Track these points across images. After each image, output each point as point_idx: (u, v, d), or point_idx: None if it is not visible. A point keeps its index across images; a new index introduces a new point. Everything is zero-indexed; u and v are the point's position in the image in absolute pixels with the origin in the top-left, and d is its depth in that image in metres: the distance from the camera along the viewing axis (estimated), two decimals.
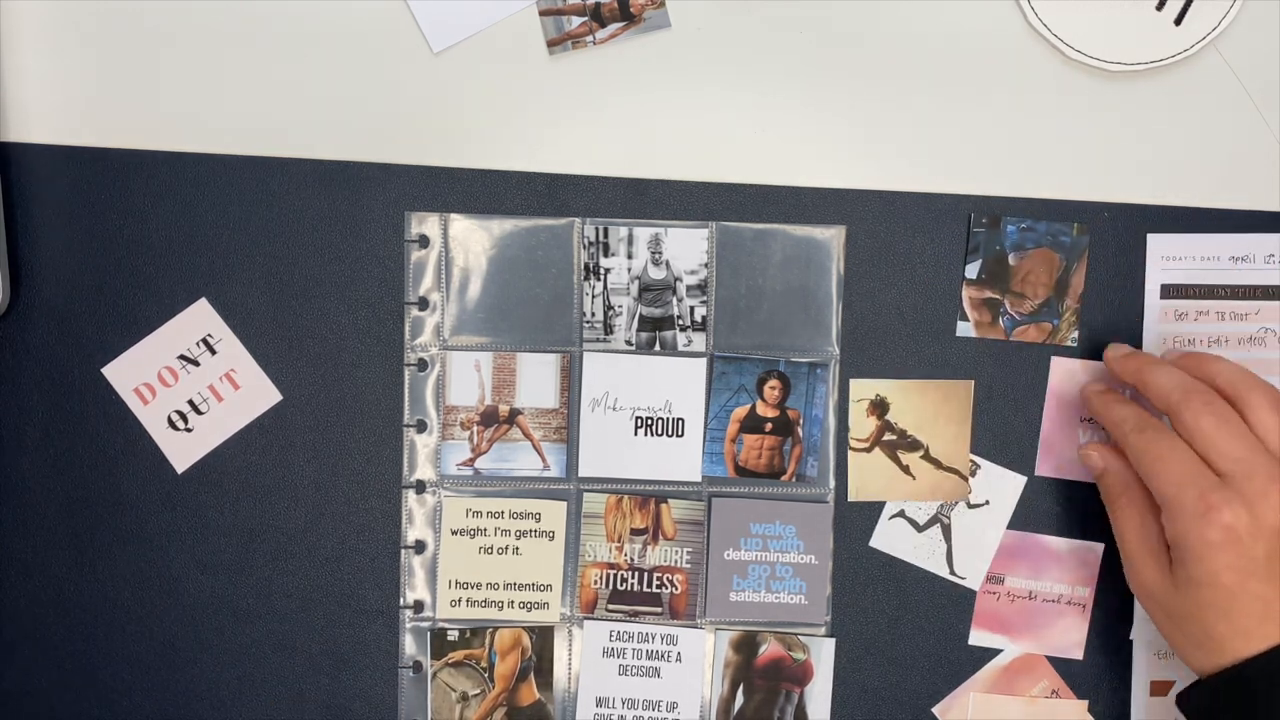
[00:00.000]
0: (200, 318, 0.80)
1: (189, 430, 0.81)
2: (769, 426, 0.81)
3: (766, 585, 0.81)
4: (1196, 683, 0.72)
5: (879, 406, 0.81)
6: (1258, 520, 0.68)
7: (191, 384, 0.80)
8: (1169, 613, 0.72)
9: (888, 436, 0.81)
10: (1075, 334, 0.81)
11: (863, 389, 0.81)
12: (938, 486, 0.81)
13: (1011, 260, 0.80)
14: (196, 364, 0.80)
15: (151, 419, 0.80)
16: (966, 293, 0.80)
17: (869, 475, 0.81)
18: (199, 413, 0.80)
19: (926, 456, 0.81)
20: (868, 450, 0.81)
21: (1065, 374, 0.81)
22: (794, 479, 0.81)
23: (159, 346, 0.80)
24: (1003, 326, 0.81)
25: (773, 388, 0.81)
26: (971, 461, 0.81)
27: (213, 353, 0.80)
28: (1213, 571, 0.69)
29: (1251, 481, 0.69)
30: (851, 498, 0.81)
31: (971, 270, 0.80)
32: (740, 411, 0.81)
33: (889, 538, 0.82)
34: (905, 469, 0.81)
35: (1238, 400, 0.72)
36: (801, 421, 0.81)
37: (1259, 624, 0.69)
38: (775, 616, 0.82)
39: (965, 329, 0.80)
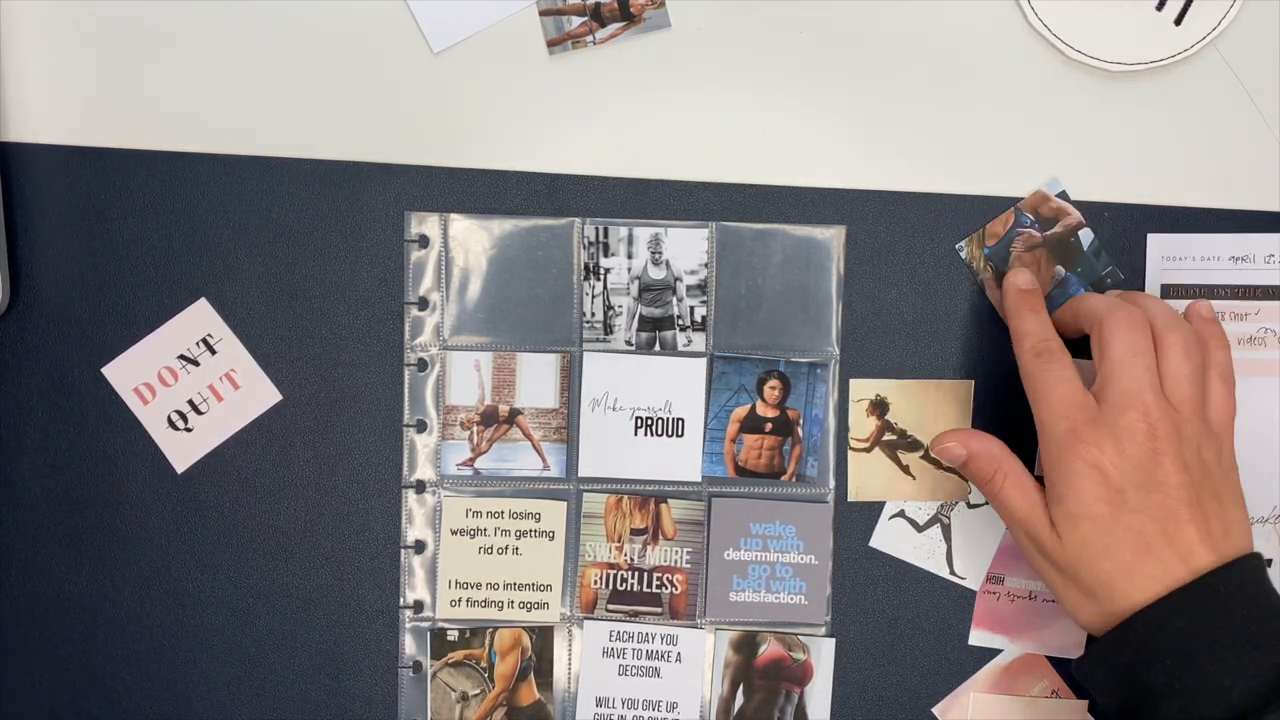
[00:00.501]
0: (200, 318, 0.80)
1: (189, 430, 0.81)
2: (769, 426, 0.81)
3: (766, 585, 0.81)
4: (1089, 645, 0.72)
5: (879, 406, 0.81)
6: (1123, 455, 0.69)
7: (191, 384, 0.80)
8: (1060, 567, 0.71)
9: (888, 436, 0.81)
10: None
11: (863, 389, 0.81)
12: (938, 487, 0.81)
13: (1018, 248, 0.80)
14: (196, 364, 0.80)
15: (151, 419, 0.80)
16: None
17: (869, 475, 0.81)
18: (199, 413, 0.80)
19: (926, 457, 0.81)
20: (868, 450, 0.81)
21: None
22: (794, 479, 0.81)
23: (159, 346, 0.80)
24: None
25: (773, 388, 0.81)
26: None
27: (213, 353, 0.80)
28: (1085, 502, 0.69)
29: (1124, 415, 0.69)
30: (851, 498, 0.81)
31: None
32: (740, 411, 0.81)
33: (889, 538, 0.82)
34: (905, 469, 0.81)
35: (1156, 338, 0.71)
36: (801, 421, 0.81)
37: (1140, 560, 0.68)
38: (775, 617, 0.82)
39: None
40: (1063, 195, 0.80)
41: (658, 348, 0.81)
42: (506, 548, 0.81)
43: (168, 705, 0.81)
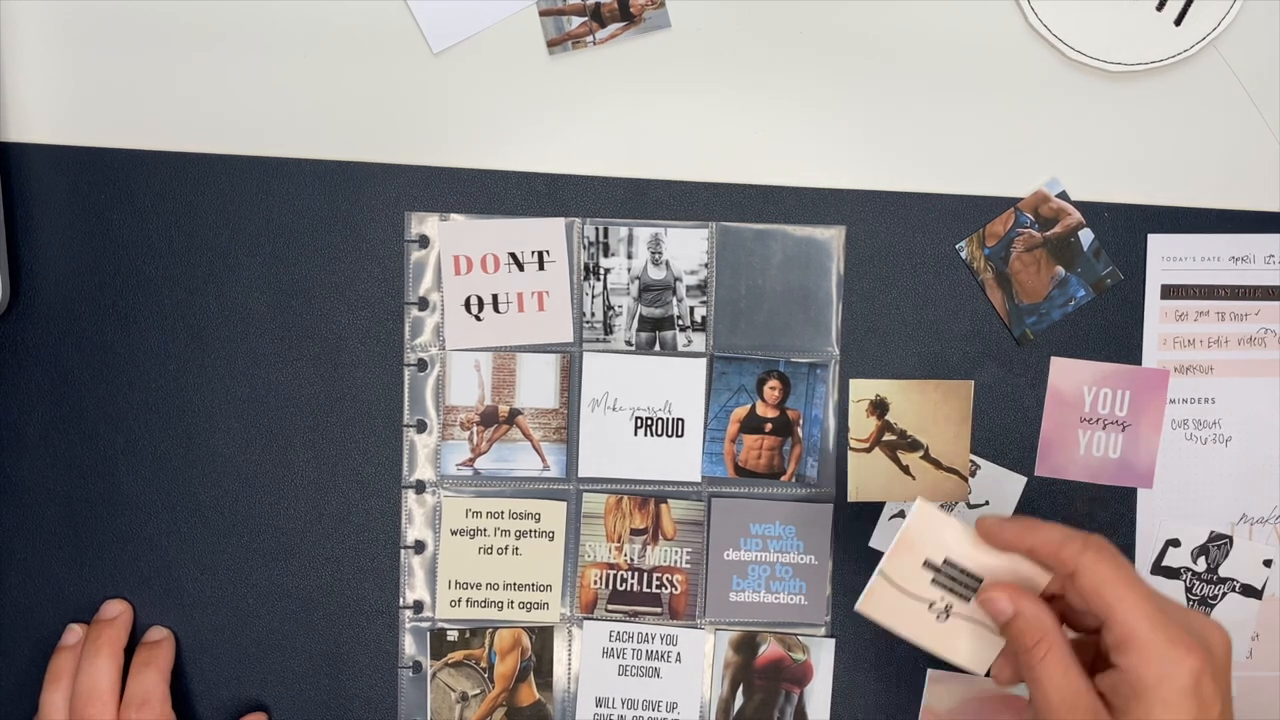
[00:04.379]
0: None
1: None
2: (769, 427, 0.81)
3: (766, 585, 0.81)
4: None
5: (879, 407, 0.81)
6: (1216, 664, 0.63)
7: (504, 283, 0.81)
8: None
9: (887, 437, 0.81)
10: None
11: (863, 389, 0.81)
12: (938, 487, 0.81)
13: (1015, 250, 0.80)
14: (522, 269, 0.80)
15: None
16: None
17: (869, 475, 0.81)
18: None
19: (926, 457, 0.81)
20: (867, 450, 0.81)
21: (1065, 374, 0.81)
22: (793, 479, 0.81)
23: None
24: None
25: (772, 388, 0.81)
26: (971, 462, 0.81)
27: (541, 269, 0.80)
28: None
29: (1193, 618, 0.65)
30: (851, 498, 0.81)
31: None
32: (740, 412, 0.81)
33: (889, 538, 0.81)
34: (905, 469, 0.81)
35: None
36: (801, 422, 0.81)
37: None
38: (775, 617, 0.82)
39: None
40: (1063, 195, 0.80)
41: (658, 348, 0.81)
42: (506, 548, 0.81)
43: None
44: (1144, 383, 0.81)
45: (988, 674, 0.70)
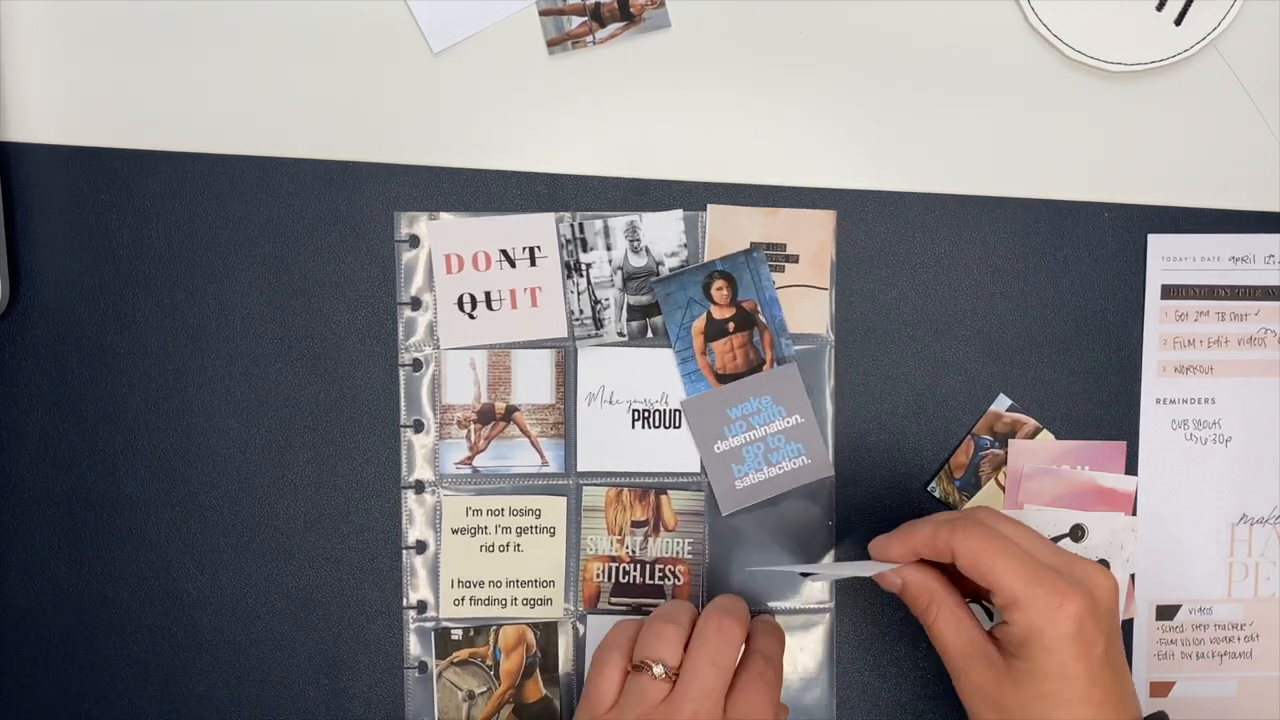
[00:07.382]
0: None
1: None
2: (731, 326, 0.81)
3: (766, 460, 0.81)
4: None
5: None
6: (1097, 606, 0.68)
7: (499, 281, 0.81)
8: (1002, 707, 0.70)
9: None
10: None
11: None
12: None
13: None
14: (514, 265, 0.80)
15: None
16: None
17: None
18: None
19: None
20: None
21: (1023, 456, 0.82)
22: (776, 364, 0.81)
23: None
24: None
25: (719, 289, 0.80)
26: None
27: (533, 265, 0.80)
28: (1063, 663, 0.67)
29: (1075, 566, 0.69)
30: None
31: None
32: (699, 323, 0.81)
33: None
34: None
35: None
36: (759, 309, 0.80)
37: (1098, 710, 0.68)
38: (785, 487, 0.82)
39: None
40: (1012, 408, 0.81)
41: (650, 335, 0.81)
42: (508, 545, 0.81)
43: (167, 706, 0.81)
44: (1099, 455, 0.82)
45: None
